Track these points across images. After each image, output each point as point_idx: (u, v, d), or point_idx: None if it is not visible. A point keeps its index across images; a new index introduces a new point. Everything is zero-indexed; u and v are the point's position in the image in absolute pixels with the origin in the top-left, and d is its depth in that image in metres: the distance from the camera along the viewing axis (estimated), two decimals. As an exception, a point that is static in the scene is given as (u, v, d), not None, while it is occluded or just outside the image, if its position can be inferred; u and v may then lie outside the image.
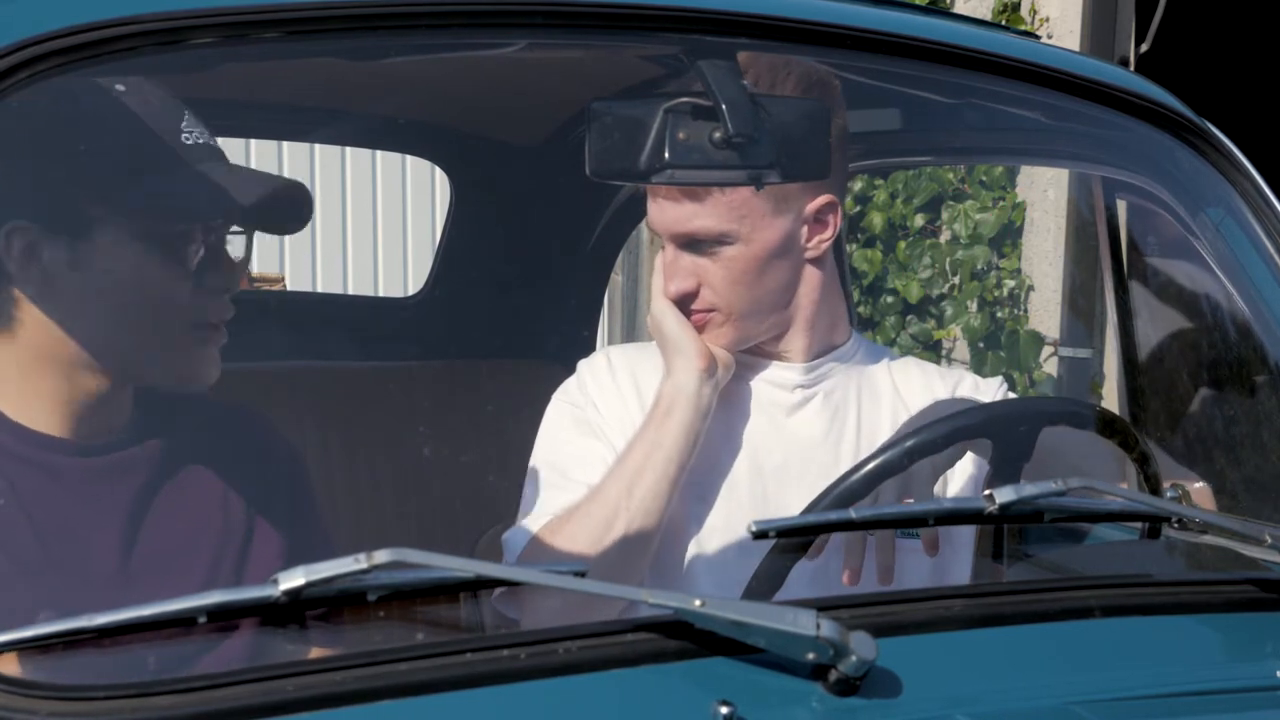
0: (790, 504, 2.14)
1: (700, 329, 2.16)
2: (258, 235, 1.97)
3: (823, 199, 2.17)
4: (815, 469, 2.17)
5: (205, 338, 1.90)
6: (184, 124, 1.88)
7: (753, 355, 2.22)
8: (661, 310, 2.18)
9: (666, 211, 2.13)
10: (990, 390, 2.30)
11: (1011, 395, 2.34)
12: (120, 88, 1.82)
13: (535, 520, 2.13)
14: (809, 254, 2.18)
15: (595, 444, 2.19)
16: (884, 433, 2.22)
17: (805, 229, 2.17)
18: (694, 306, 2.15)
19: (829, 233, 2.19)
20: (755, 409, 2.21)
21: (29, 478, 1.84)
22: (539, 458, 2.22)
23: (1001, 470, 1.99)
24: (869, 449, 2.20)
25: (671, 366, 2.15)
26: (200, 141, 1.88)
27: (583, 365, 2.29)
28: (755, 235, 2.13)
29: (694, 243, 2.13)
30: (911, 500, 2.00)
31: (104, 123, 1.83)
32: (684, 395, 2.12)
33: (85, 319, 1.85)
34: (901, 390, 2.27)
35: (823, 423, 2.21)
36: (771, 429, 2.20)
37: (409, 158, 7.47)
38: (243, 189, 1.92)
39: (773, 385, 2.21)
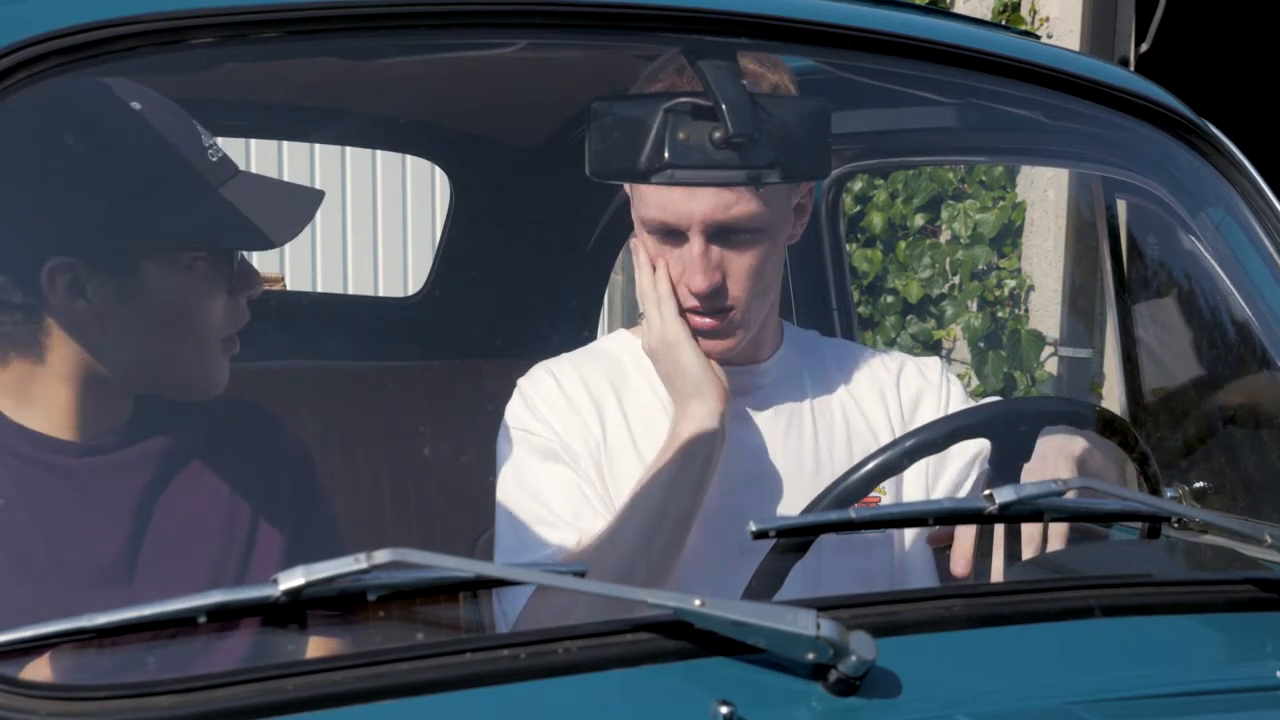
0: (774, 507, 2.14)
1: (714, 331, 2.10)
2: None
3: (808, 183, 2.17)
4: (786, 469, 2.17)
5: (228, 349, 1.92)
6: (204, 140, 1.89)
7: (727, 366, 2.16)
8: (678, 339, 2.07)
9: (701, 200, 2.03)
10: (932, 373, 2.30)
11: (951, 376, 2.33)
12: (137, 105, 1.82)
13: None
14: (790, 240, 2.18)
15: (567, 472, 2.10)
16: (839, 424, 2.22)
17: (793, 214, 2.16)
18: (714, 305, 2.09)
19: (807, 216, 2.19)
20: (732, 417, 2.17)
21: (34, 479, 1.84)
22: (510, 494, 2.11)
23: (1001, 470, 1.99)
24: (829, 443, 2.20)
25: (690, 409, 2.05)
26: (220, 155, 1.90)
27: (526, 386, 2.18)
28: (776, 224, 2.11)
29: (726, 233, 2.06)
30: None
31: (135, 149, 1.84)
32: (706, 441, 2.04)
33: (126, 343, 1.86)
34: (848, 377, 2.27)
35: (782, 421, 2.20)
36: (745, 434, 2.17)
37: (409, 158, 7.47)
38: (269, 204, 1.93)
39: (739, 393, 2.17)
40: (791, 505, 2.14)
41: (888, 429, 2.23)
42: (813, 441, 2.19)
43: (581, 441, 2.13)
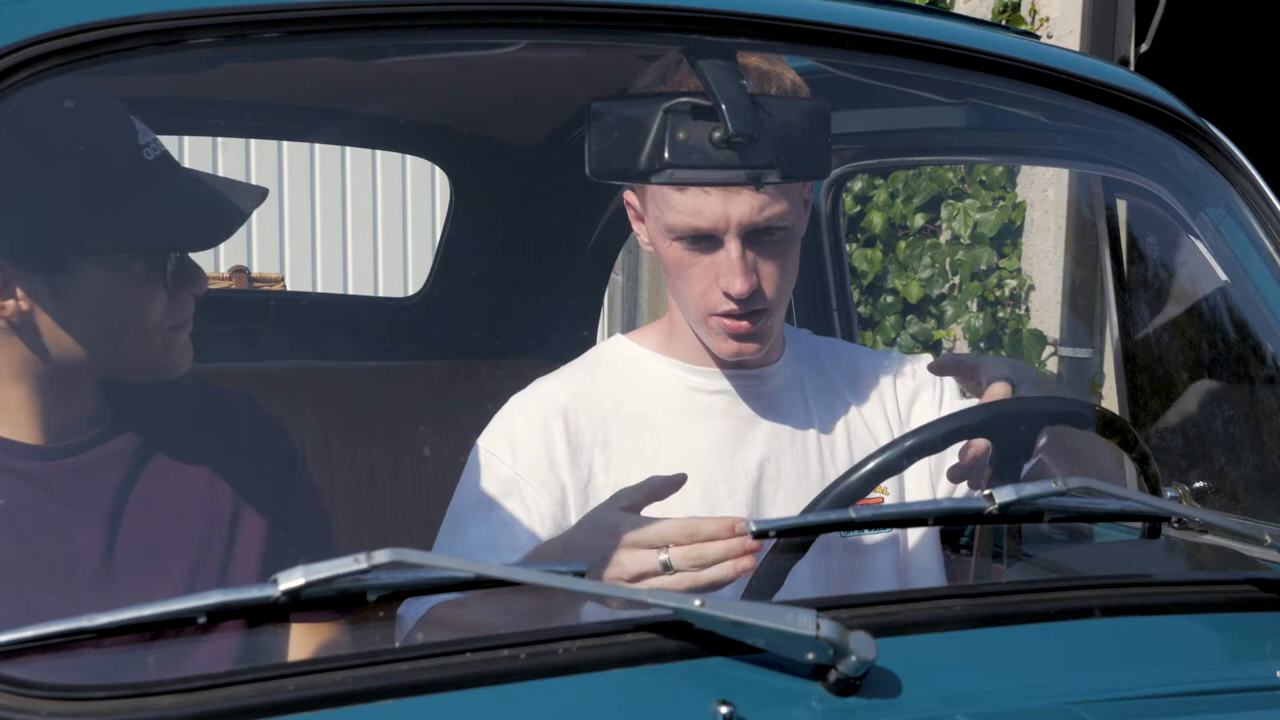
0: (786, 511, 2.14)
1: (749, 334, 2.10)
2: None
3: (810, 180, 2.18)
4: (794, 473, 2.16)
5: (177, 336, 1.89)
6: (140, 138, 1.84)
7: (733, 369, 2.18)
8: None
9: (738, 203, 2.03)
10: (925, 369, 2.29)
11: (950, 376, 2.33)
12: (70, 104, 1.78)
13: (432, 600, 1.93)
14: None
15: (510, 514, 2.06)
16: (840, 425, 2.22)
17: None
18: (751, 308, 2.08)
19: (809, 210, 2.20)
20: (736, 421, 2.18)
21: (5, 485, 1.83)
22: (457, 516, 2.09)
23: (1001, 470, 1.99)
24: (831, 445, 2.20)
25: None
26: (158, 153, 1.86)
27: (515, 408, 2.15)
28: (798, 221, 2.12)
29: (758, 234, 2.06)
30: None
31: (65, 149, 1.80)
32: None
33: (64, 340, 1.83)
34: (846, 377, 2.27)
35: (789, 425, 2.20)
36: (755, 439, 2.18)
37: (409, 158, 7.48)
38: (207, 204, 1.90)
39: (749, 398, 2.19)
40: (801, 508, 2.14)
41: (885, 428, 2.23)
42: (816, 444, 2.19)
43: (549, 484, 2.09)
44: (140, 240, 1.86)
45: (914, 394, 2.27)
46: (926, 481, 2.21)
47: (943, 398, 2.27)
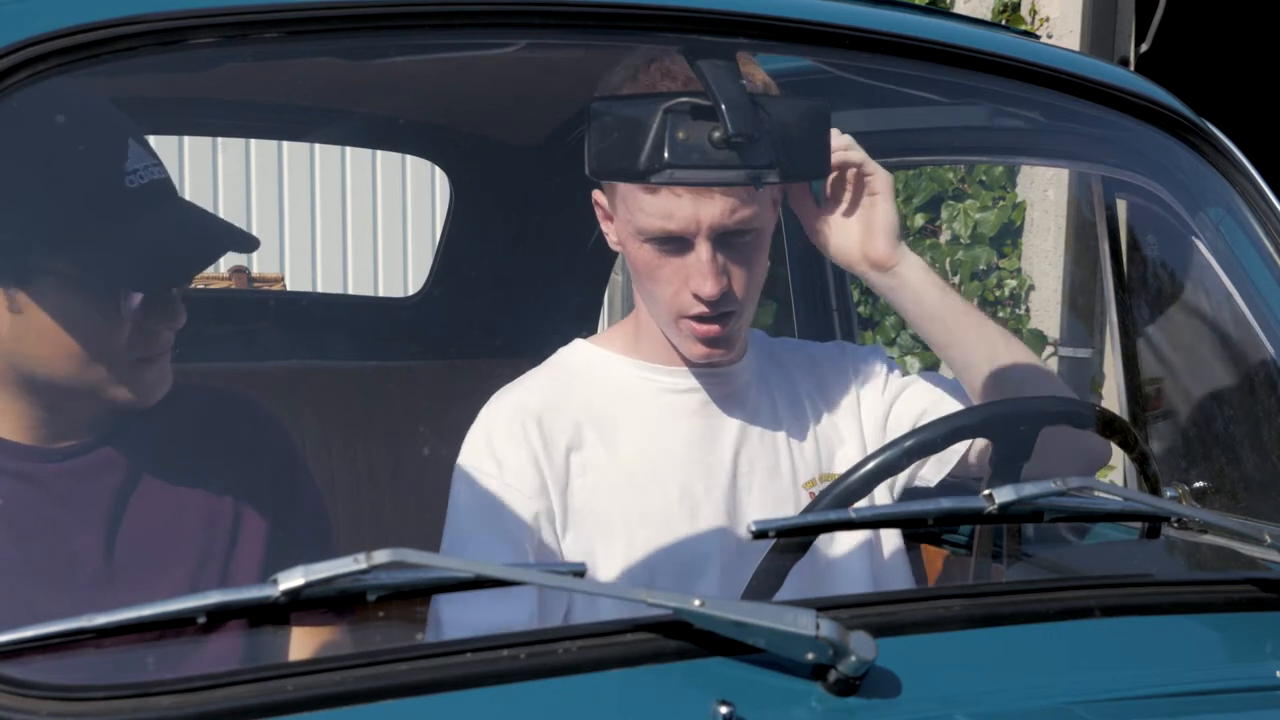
0: (761, 509, 2.13)
1: (719, 338, 2.10)
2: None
3: None
4: (765, 469, 2.17)
5: (145, 368, 1.86)
6: (130, 164, 1.81)
7: (701, 368, 2.17)
8: None
9: (709, 206, 2.02)
10: (873, 361, 2.29)
11: (891, 360, 2.33)
12: (61, 119, 1.75)
13: None
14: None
15: (511, 524, 2.08)
16: (802, 420, 2.22)
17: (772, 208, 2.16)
18: (721, 310, 2.07)
19: (779, 208, 2.18)
20: (708, 420, 2.18)
21: (6, 487, 1.83)
22: (456, 538, 2.09)
23: (1001, 470, 1.99)
24: (799, 441, 2.19)
25: None
26: (143, 183, 1.81)
27: (490, 419, 2.16)
28: (768, 223, 2.12)
29: (729, 236, 2.05)
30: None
31: (50, 160, 1.79)
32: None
33: (28, 356, 1.81)
34: (804, 372, 2.27)
35: (757, 423, 2.20)
36: (726, 439, 2.17)
37: (409, 158, 7.47)
38: (179, 243, 1.87)
39: (719, 398, 2.19)
40: (774, 506, 2.14)
41: (845, 417, 2.23)
42: (785, 437, 2.20)
43: (530, 495, 2.10)
44: (97, 269, 1.83)
45: (864, 380, 2.27)
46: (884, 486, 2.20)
47: (887, 382, 2.26)
